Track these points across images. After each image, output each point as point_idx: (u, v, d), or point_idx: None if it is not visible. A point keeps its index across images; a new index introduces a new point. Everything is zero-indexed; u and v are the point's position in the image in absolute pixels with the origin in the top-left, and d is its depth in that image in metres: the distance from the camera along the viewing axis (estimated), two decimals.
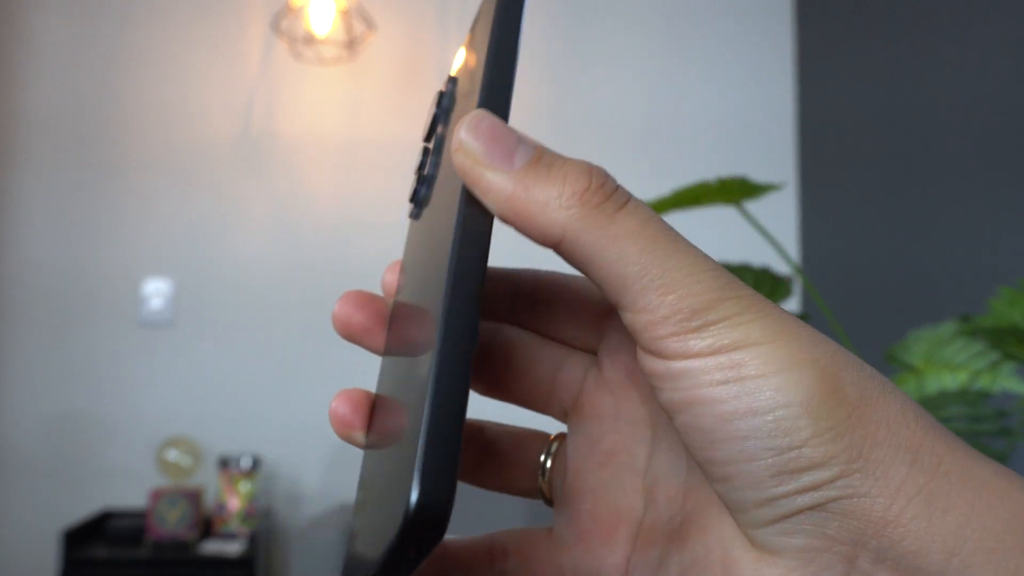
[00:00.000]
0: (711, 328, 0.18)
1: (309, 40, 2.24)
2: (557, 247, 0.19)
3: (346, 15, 2.23)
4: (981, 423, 0.77)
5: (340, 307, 0.25)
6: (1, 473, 2.19)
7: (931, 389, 0.88)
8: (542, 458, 0.26)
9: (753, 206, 2.20)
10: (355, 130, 2.33)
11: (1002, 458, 0.77)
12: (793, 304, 2.33)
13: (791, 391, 0.17)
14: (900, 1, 2.01)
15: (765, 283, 0.96)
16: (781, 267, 2.21)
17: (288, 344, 2.27)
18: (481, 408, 0.27)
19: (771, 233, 1.63)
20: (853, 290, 2.06)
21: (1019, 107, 1.60)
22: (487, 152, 0.19)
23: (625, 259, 0.18)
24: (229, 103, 2.31)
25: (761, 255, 2.25)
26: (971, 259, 1.71)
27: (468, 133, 0.19)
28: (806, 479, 0.17)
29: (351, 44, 2.25)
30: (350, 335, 0.25)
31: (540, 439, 0.27)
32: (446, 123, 0.23)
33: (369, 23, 2.26)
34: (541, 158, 0.19)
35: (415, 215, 0.26)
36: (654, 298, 0.18)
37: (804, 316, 1.07)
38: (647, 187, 2.38)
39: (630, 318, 0.19)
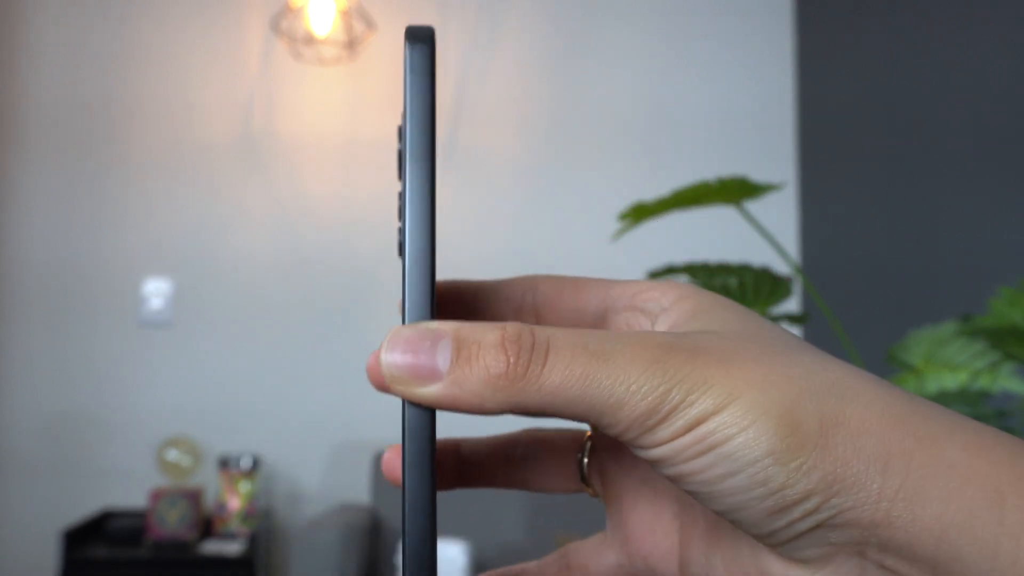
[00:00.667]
0: (669, 418, 0.20)
1: (309, 40, 2.24)
2: (510, 413, 0.21)
3: (346, 15, 2.23)
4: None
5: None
6: (1, 473, 2.19)
7: (931, 389, 0.88)
8: (579, 456, 0.29)
9: (753, 206, 2.20)
10: (355, 130, 2.33)
11: None
12: (793, 304, 2.33)
13: (756, 447, 0.19)
14: (900, 0, 2.00)
15: (765, 283, 0.95)
16: (781, 267, 2.21)
17: (288, 344, 2.27)
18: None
19: (771, 233, 1.63)
20: (853, 290, 2.06)
21: (1019, 106, 1.60)
22: (412, 370, 0.21)
23: (571, 404, 0.20)
24: (229, 103, 2.31)
25: (761, 255, 2.24)
26: (971, 259, 1.70)
27: (388, 355, 0.21)
28: (796, 512, 0.19)
29: (351, 44, 2.25)
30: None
31: (576, 438, 0.29)
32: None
33: (369, 23, 2.26)
34: (460, 350, 0.21)
35: None
36: (610, 419, 0.20)
37: (804, 316, 1.06)
38: (647, 187, 2.38)
39: (601, 431, 0.21)
